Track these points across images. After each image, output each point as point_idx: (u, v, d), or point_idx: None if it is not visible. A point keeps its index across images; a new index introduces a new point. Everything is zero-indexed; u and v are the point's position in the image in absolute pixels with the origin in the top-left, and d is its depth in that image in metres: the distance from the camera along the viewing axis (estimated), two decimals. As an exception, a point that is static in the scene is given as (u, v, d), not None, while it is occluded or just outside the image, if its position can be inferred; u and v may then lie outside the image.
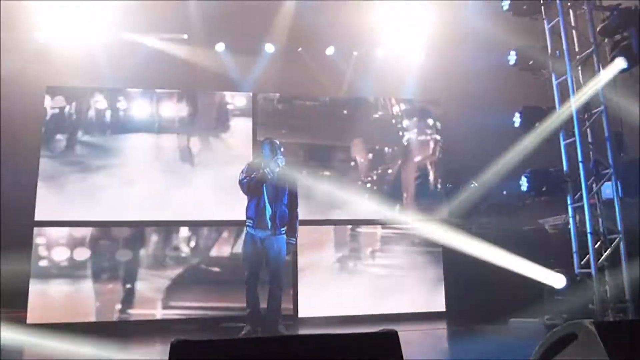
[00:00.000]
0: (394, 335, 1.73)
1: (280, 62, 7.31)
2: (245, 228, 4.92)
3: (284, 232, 4.88)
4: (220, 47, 7.27)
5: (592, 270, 5.38)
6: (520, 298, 5.76)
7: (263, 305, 4.81)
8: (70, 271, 6.30)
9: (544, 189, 5.84)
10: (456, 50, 7.26)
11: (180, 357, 1.68)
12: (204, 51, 7.12)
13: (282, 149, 5.03)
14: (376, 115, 7.44)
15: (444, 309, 6.90)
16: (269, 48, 7.35)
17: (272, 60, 7.37)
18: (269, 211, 4.82)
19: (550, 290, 5.47)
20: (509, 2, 6.07)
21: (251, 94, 7.17)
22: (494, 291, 6.22)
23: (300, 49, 7.39)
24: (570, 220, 5.83)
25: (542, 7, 6.06)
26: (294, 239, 4.99)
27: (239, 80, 7.28)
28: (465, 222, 7.13)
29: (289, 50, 7.33)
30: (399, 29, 7.46)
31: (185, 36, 7.00)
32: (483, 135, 6.86)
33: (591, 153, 5.78)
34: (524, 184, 5.93)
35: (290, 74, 7.24)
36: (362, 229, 7.00)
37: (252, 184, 4.84)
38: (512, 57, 6.13)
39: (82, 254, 6.37)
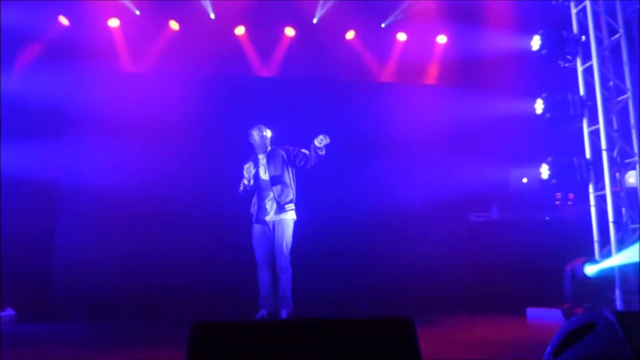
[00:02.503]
0: (410, 322, 1.74)
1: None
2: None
3: (288, 209, 4.89)
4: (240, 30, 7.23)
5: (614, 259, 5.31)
6: (538, 286, 5.73)
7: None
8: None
9: (565, 177, 5.75)
10: (477, 35, 7.12)
11: (199, 338, 1.72)
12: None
13: (270, 134, 5.03)
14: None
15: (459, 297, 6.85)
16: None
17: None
18: (267, 196, 4.90)
19: (570, 278, 5.42)
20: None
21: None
22: (511, 279, 6.19)
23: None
24: (593, 209, 5.74)
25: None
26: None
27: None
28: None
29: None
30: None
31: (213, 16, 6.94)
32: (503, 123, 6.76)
33: (616, 141, 5.67)
34: (544, 172, 5.84)
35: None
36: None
37: (246, 193, 4.99)
38: (536, 42, 6.00)
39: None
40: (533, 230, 6.73)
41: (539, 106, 5.94)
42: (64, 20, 6.76)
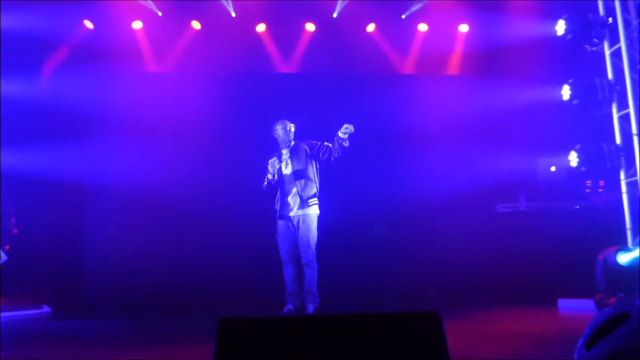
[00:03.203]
0: (437, 316, 1.73)
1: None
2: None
3: (311, 203, 4.90)
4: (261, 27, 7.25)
5: (647, 248, 5.17)
6: (569, 277, 5.62)
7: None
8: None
9: (595, 164, 5.62)
10: (500, 22, 6.97)
11: (227, 334, 1.75)
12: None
13: (294, 129, 5.03)
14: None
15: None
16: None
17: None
18: (290, 192, 4.90)
19: (602, 268, 5.29)
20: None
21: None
22: (541, 270, 6.08)
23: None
24: (624, 195, 5.59)
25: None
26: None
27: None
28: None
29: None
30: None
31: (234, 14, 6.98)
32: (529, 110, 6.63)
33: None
34: (573, 159, 5.72)
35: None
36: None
37: (271, 188, 5.00)
38: (561, 27, 5.86)
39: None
40: (563, 219, 6.59)
41: (565, 93, 5.82)
42: (88, 24, 6.90)
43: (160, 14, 6.95)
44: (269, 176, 4.99)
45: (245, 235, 6.51)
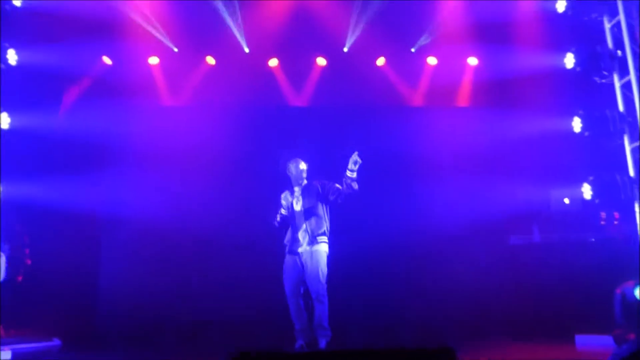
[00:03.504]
0: (451, 352, 1.71)
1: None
2: None
3: (320, 241, 4.92)
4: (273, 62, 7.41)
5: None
6: (586, 311, 5.49)
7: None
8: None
9: (609, 195, 5.57)
10: (509, 55, 7.05)
11: (240, 369, 1.74)
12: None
13: (306, 168, 5.07)
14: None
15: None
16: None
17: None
18: (300, 228, 4.93)
19: (621, 302, 5.18)
20: (565, 2, 5.88)
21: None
22: (556, 304, 5.95)
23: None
24: (640, 227, 5.52)
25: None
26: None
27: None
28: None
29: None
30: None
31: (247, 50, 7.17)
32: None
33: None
34: (587, 191, 5.68)
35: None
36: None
37: (283, 223, 5.05)
38: (570, 60, 5.91)
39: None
40: (578, 252, 6.49)
41: (576, 124, 5.83)
42: (107, 60, 7.11)
43: (176, 49, 7.15)
44: (282, 211, 5.04)
45: (257, 269, 6.50)
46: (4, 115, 6.14)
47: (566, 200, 7.07)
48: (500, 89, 7.20)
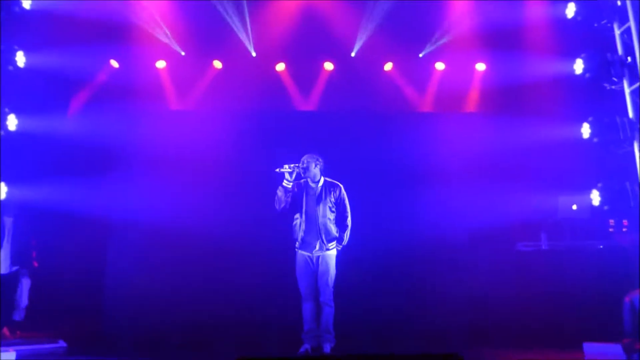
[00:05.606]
0: (458, 359, 1.68)
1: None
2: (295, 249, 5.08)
3: (332, 247, 4.92)
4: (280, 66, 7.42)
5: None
6: (594, 319, 5.43)
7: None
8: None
9: (618, 203, 5.52)
10: (517, 61, 7.02)
11: (244, 374, 1.72)
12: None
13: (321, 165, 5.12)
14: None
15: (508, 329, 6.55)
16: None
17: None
18: (313, 230, 4.94)
19: (629, 310, 5.12)
20: (574, 7, 5.85)
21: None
22: (564, 312, 5.89)
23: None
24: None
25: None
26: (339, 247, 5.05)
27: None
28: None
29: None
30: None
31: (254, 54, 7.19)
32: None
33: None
34: (595, 197, 5.63)
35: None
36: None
37: (287, 199, 5.02)
38: (579, 66, 5.88)
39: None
40: (587, 259, 6.43)
41: (585, 131, 5.78)
42: (114, 64, 7.14)
43: (183, 53, 7.19)
44: (287, 184, 5.02)
45: (264, 274, 6.52)
46: (12, 117, 6.17)
47: (574, 207, 7.01)
48: (509, 95, 7.16)
